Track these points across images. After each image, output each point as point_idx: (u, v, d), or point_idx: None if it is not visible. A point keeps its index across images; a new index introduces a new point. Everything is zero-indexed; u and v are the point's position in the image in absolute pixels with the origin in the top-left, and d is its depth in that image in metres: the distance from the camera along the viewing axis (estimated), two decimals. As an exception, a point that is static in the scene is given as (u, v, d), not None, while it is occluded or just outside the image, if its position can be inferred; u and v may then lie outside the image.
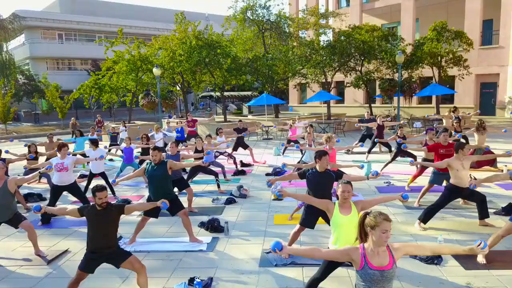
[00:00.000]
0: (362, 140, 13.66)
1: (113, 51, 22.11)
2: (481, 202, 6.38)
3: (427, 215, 6.39)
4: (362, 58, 21.71)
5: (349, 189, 3.99)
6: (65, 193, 7.62)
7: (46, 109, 33.40)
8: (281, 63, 21.95)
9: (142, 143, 11.16)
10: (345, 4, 31.11)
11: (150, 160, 6.19)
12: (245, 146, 12.94)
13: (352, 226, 3.85)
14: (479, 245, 2.82)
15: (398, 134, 10.29)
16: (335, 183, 5.22)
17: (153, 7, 50.57)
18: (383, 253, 2.89)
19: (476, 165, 10.37)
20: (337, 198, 4.17)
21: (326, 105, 22.62)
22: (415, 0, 25.30)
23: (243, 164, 12.18)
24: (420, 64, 20.86)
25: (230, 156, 11.78)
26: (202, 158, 8.50)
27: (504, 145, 12.91)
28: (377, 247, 2.88)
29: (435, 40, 19.99)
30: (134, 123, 23.38)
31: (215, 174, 9.16)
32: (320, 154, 5.23)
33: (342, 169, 7.68)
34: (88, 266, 4.23)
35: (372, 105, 25.00)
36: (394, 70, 21.07)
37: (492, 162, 10.28)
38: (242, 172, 11.24)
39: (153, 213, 6.04)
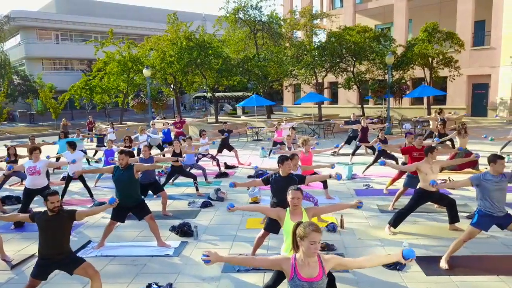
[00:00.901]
0: (348, 142, 13.64)
1: (104, 52, 22.08)
2: (451, 206, 6.37)
3: (397, 219, 6.37)
4: (354, 59, 21.67)
5: (299, 196, 3.97)
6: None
7: (40, 109, 33.41)
8: (273, 64, 21.89)
9: (125, 145, 11.15)
10: (339, 4, 31.06)
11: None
12: (230, 148, 12.91)
13: None
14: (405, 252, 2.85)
15: (379, 136, 10.31)
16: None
17: (148, 7, 50.57)
18: (313, 264, 2.86)
19: (458, 168, 10.36)
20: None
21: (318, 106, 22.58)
22: (407, 1, 25.24)
23: (227, 166, 12.17)
24: (411, 65, 20.82)
25: (213, 158, 11.76)
26: (177, 160, 8.47)
27: (490, 147, 12.87)
28: (307, 258, 2.85)
29: (426, 41, 19.95)
30: (126, 123, 23.36)
31: (194, 177, 9.15)
32: (282, 159, 5.23)
33: (316, 170, 7.74)
34: (40, 273, 4.21)
35: (365, 106, 24.95)
36: (385, 71, 21.02)
37: (474, 164, 10.23)
38: (225, 174, 11.22)
39: (119, 217, 6.05)
